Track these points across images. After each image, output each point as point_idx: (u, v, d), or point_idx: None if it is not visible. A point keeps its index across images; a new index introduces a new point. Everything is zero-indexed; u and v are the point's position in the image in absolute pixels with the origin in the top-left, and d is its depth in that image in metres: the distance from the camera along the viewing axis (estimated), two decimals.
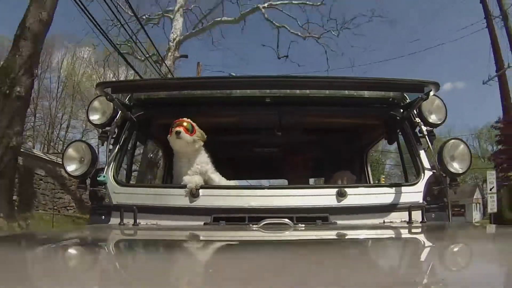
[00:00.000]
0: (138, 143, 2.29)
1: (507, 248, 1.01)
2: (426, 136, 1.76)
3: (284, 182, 3.14)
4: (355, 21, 14.50)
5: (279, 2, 14.20)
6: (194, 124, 1.69)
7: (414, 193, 1.65)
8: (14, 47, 6.68)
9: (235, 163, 3.03)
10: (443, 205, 1.68)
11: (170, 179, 2.76)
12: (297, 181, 2.39)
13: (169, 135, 1.69)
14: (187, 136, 1.65)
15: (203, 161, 1.74)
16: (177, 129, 1.64)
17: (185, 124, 1.66)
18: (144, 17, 13.97)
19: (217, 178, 1.77)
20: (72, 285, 0.61)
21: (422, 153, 1.77)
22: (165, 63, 11.75)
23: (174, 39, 12.54)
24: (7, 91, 6.37)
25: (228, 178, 1.88)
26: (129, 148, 1.96)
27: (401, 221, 1.55)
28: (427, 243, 1.19)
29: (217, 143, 1.77)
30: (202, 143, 1.73)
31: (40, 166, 12.33)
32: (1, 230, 5.89)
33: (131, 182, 2.48)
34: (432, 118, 1.77)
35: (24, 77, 6.52)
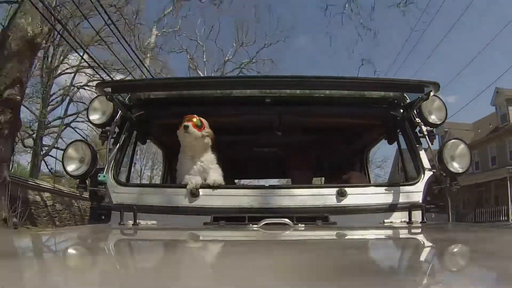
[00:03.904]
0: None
1: (507, 248, 1.01)
2: (426, 136, 1.76)
3: (282, 182, 3.13)
4: None
5: None
6: (204, 120, 1.69)
7: (414, 193, 1.65)
8: None
9: (235, 163, 3.02)
10: (443, 205, 1.68)
11: (170, 179, 2.76)
12: (298, 181, 2.39)
13: (178, 130, 1.68)
14: (195, 131, 1.65)
15: (209, 159, 1.72)
16: (186, 123, 1.64)
17: (194, 120, 1.66)
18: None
19: (213, 175, 1.70)
20: (71, 285, 0.61)
21: (422, 153, 1.77)
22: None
23: None
24: None
25: (229, 178, 1.87)
26: (129, 148, 1.96)
27: (401, 221, 1.55)
28: (427, 244, 1.19)
29: (216, 143, 1.77)
30: (210, 141, 1.72)
31: None
32: None
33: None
34: (432, 118, 1.78)
35: None
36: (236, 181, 2.98)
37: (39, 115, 12.15)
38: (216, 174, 1.70)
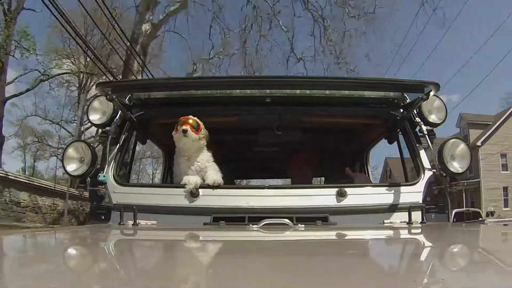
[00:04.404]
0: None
1: (507, 248, 1.01)
2: (426, 136, 1.76)
3: (279, 182, 3.12)
4: None
5: None
6: (199, 121, 1.68)
7: (414, 193, 1.65)
8: None
9: (235, 163, 3.02)
10: (443, 205, 1.68)
11: (170, 179, 2.76)
12: (298, 181, 2.39)
13: (174, 132, 1.67)
14: (193, 135, 1.64)
15: (204, 159, 1.72)
16: (184, 127, 1.63)
17: (190, 121, 1.65)
18: None
19: (212, 175, 1.69)
20: (71, 285, 0.61)
21: (422, 153, 1.77)
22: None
23: None
24: None
25: (229, 178, 1.87)
26: (129, 148, 1.96)
27: (401, 222, 1.55)
28: (427, 244, 1.19)
29: (216, 143, 1.77)
30: (205, 142, 1.72)
31: None
32: None
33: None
34: (432, 118, 1.78)
35: None
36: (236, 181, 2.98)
37: (76, 133, 13.34)
38: (214, 173, 1.70)
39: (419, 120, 1.78)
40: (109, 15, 8.06)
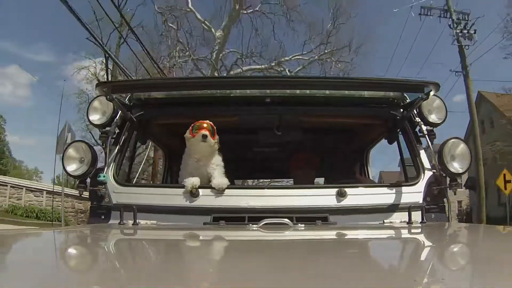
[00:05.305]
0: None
1: (507, 248, 1.01)
2: (426, 136, 1.76)
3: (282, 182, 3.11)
4: None
5: None
6: (213, 126, 1.67)
7: (414, 193, 1.65)
8: None
9: (235, 163, 3.02)
10: (443, 205, 1.68)
11: (170, 179, 2.76)
12: (299, 181, 2.39)
13: (190, 136, 1.66)
14: (211, 140, 1.63)
15: (215, 162, 1.71)
16: (204, 132, 1.61)
17: (206, 125, 1.64)
18: None
19: (218, 178, 1.69)
20: (71, 284, 0.61)
21: (422, 153, 1.77)
22: None
23: None
24: None
25: (229, 178, 1.87)
26: (129, 148, 1.96)
27: (401, 222, 1.55)
28: (427, 244, 1.19)
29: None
30: (218, 146, 1.71)
31: None
32: None
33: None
34: (432, 118, 1.78)
35: None
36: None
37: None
38: (220, 176, 1.68)
39: (419, 120, 1.78)
40: None
